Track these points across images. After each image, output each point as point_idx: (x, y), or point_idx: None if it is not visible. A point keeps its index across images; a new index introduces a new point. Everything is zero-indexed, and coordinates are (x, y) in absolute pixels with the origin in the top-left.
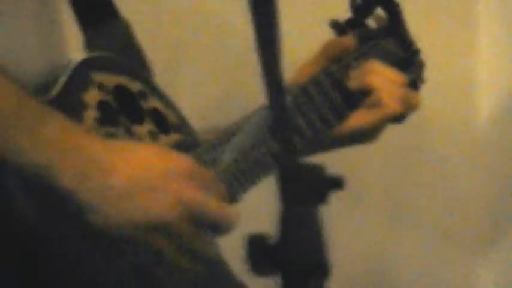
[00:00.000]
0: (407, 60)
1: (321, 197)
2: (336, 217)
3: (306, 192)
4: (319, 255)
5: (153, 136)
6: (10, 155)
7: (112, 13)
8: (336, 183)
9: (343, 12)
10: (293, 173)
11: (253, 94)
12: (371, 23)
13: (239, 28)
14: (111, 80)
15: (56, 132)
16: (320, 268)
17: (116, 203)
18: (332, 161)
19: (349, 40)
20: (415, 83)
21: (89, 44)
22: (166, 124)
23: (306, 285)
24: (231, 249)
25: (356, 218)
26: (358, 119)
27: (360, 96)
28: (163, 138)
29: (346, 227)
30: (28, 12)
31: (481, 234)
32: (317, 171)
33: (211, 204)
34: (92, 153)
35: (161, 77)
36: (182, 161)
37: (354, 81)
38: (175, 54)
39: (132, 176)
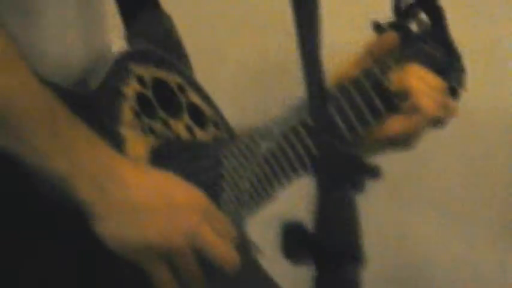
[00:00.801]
0: (449, 66)
1: (357, 185)
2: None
3: (343, 180)
4: (354, 243)
5: (190, 130)
6: (34, 161)
7: (153, 5)
8: (373, 172)
9: (387, 14)
10: (331, 161)
11: (293, 95)
12: (413, 26)
13: (280, 28)
14: (150, 72)
15: (82, 144)
16: (355, 256)
17: (130, 218)
18: None
19: (393, 38)
20: (455, 90)
21: (130, 36)
22: (204, 119)
23: (341, 272)
24: (267, 236)
25: (386, 204)
26: (396, 124)
27: (400, 99)
28: (200, 133)
29: (376, 214)
30: (70, 3)
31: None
32: (354, 159)
33: (217, 244)
34: (114, 168)
35: (201, 76)
36: (202, 199)
37: (394, 84)
38: (215, 54)
39: (150, 196)
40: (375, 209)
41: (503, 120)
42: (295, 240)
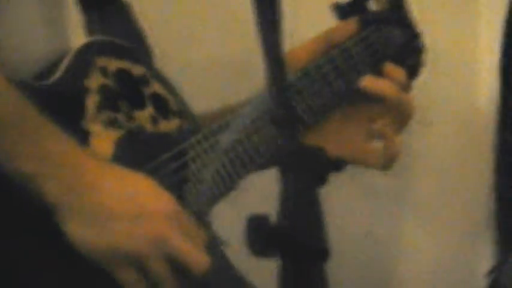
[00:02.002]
0: (409, 44)
1: (321, 179)
2: (337, 199)
3: (307, 173)
4: (319, 237)
5: (154, 121)
6: (2, 160)
7: None
8: (336, 165)
9: None
10: (294, 155)
11: (260, 82)
12: (372, 5)
13: (244, 14)
14: (113, 64)
15: (51, 144)
16: (320, 250)
17: (97, 220)
18: None
19: (353, 25)
20: (415, 68)
21: (90, 27)
22: (167, 109)
23: (307, 266)
24: (232, 231)
25: (356, 199)
26: (367, 156)
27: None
28: (164, 123)
29: (346, 209)
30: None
31: (482, 220)
32: (317, 153)
33: (186, 249)
34: (83, 170)
35: (168, 63)
36: (170, 203)
37: (366, 82)
38: (181, 41)
39: (119, 200)
40: (343, 204)
41: (475, 120)
42: (261, 234)
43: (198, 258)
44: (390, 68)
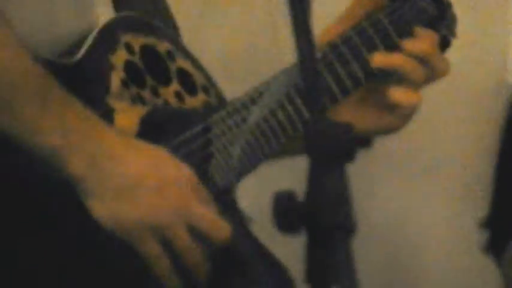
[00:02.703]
0: (439, 15)
1: (348, 155)
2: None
3: (334, 150)
4: (344, 213)
5: (179, 97)
6: (25, 135)
7: None
8: (364, 142)
9: None
10: (321, 131)
11: (282, 51)
12: None
13: (252, 10)
14: (138, 40)
15: (74, 118)
16: (345, 226)
17: (120, 193)
18: None
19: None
20: (446, 39)
21: (117, 4)
22: (193, 85)
23: (332, 242)
24: (259, 207)
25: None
26: (375, 121)
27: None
28: (190, 99)
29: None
30: None
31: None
32: (345, 129)
33: (209, 218)
34: (106, 143)
35: (187, 35)
36: (190, 174)
37: (377, 59)
38: (201, 12)
39: (142, 172)
40: (369, 181)
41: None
42: (287, 211)
43: (220, 226)
44: (421, 31)
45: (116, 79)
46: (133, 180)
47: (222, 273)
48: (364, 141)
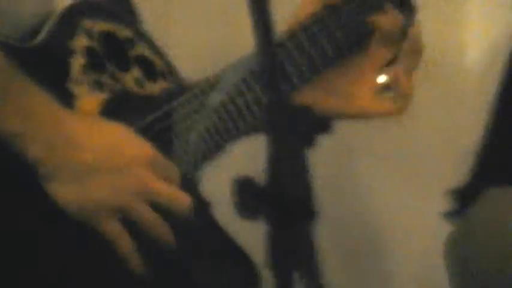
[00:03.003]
0: (402, 2)
1: (308, 140)
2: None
3: (293, 134)
4: (307, 197)
5: (139, 83)
6: None
7: None
8: (323, 126)
9: None
10: (279, 115)
11: (246, 41)
12: None
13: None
14: (98, 26)
15: (34, 103)
16: (308, 210)
17: (79, 176)
18: None
19: None
20: (405, 27)
21: None
22: (154, 71)
23: (295, 226)
24: (220, 193)
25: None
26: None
27: (359, 39)
28: (150, 85)
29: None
30: None
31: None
32: (305, 113)
33: (168, 191)
34: (64, 128)
35: (152, 24)
36: (148, 149)
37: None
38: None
39: (101, 154)
40: (326, 162)
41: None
42: (247, 196)
43: (180, 198)
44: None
45: (75, 64)
46: (91, 163)
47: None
48: (324, 125)
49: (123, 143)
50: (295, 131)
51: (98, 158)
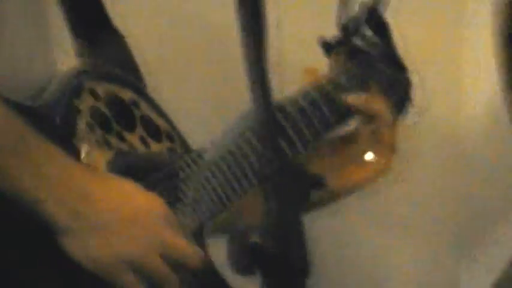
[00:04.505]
0: (396, 79)
1: (303, 197)
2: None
3: (288, 191)
4: (301, 255)
5: (144, 142)
6: (5, 183)
7: (105, 22)
8: (318, 182)
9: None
10: (276, 172)
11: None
12: (358, 42)
13: (229, 35)
14: (103, 87)
15: (54, 169)
16: (302, 267)
17: (93, 231)
18: None
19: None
20: (402, 102)
21: (81, 53)
22: (158, 131)
23: (287, 284)
24: (216, 249)
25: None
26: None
27: (349, 114)
28: (155, 145)
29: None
30: (18, 24)
31: (463, 234)
32: (297, 169)
33: (181, 245)
34: (77, 182)
35: (154, 86)
36: (160, 203)
37: (353, 99)
38: (177, 74)
39: (113, 209)
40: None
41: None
42: (243, 253)
43: (193, 252)
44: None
45: (82, 123)
46: (105, 217)
47: None
48: (317, 182)
49: (136, 196)
50: (291, 187)
51: (110, 213)
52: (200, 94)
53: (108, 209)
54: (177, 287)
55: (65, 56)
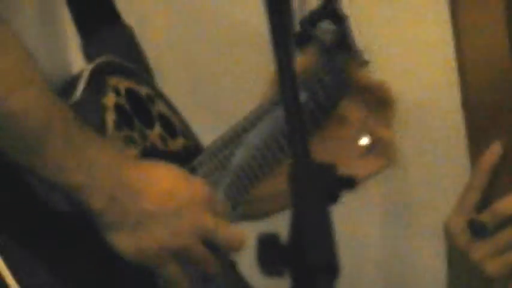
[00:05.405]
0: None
1: (332, 197)
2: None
3: (318, 191)
4: (329, 256)
5: (163, 140)
6: (50, 171)
7: (113, 17)
8: (348, 183)
9: None
10: (305, 172)
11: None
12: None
13: (250, 26)
14: (123, 83)
15: (96, 154)
16: (330, 268)
17: (140, 224)
18: None
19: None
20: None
21: (89, 49)
22: (173, 128)
23: (316, 285)
24: (243, 250)
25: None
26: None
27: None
28: (171, 142)
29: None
30: (31, 23)
31: None
32: (329, 170)
33: (225, 230)
34: (124, 176)
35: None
36: (203, 188)
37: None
38: (180, 57)
39: (158, 202)
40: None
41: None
42: (271, 253)
43: (234, 234)
44: None
45: (110, 120)
46: (151, 210)
47: None
48: (348, 182)
49: (179, 185)
50: (320, 187)
51: (157, 204)
52: (203, 92)
53: (153, 203)
54: (219, 268)
55: (79, 57)
